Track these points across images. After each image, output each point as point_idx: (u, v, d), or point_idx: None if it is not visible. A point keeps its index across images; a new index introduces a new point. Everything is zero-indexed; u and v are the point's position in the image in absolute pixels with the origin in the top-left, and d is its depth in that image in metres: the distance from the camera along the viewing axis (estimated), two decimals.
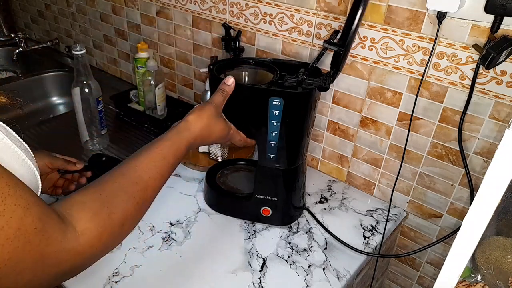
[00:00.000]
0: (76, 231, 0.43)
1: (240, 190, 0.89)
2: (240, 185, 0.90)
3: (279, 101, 0.69)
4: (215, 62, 0.77)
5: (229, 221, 0.85)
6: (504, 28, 0.65)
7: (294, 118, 0.73)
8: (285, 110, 0.70)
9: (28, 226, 0.37)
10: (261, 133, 0.74)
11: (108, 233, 0.48)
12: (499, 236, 0.56)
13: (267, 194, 0.81)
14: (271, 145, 0.74)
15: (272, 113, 0.71)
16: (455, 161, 0.80)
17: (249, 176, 0.92)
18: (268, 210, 0.82)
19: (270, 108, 0.70)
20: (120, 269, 0.72)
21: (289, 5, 0.90)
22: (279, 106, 0.70)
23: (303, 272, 0.75)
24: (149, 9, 1.23)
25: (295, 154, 0.77)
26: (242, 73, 0.81)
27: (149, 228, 0.82)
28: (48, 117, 1.35)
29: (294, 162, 0.78)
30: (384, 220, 0.88)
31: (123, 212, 0.50)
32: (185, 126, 0.63)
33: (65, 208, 0.45)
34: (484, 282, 0.52)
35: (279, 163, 0.77)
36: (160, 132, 1.19)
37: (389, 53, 0.80)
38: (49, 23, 1.71)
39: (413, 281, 1.00)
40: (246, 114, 0.74)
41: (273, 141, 0.74)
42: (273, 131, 0.73)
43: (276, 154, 0.76)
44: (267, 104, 0.70)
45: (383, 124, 0.87)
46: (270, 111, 0.70)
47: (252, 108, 0.73)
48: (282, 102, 0.69)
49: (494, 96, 0.71)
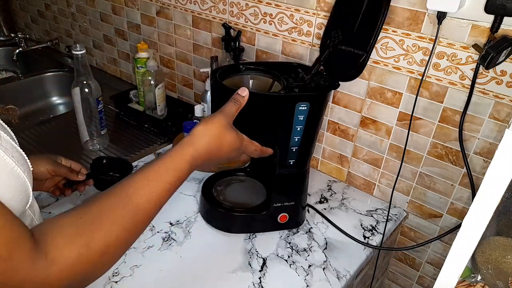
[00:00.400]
0: (47, 260, 0.39)
1: (248, 203, 0.84)
2: (243, 198, 0.86)
3: (305, 105, 0.68)
4: (217, 69, 0.75)
5: None
6: (504, 28, 0.65)
7: (314, 121, 0.72)
8: (309, 113, 0.69)
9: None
10: (282, 140, 0.72)
11: (84, 262, 0.42)
12: (499, 236, 0.56)
13: (285, 201, 0.80)
14: (293, 150, 0.73)
15: (298, 118, 0.69)
16: (455, 161, 0.80)
17: (245, 186, 0.90)
18: (286, 216, 0.81)
19: (296, 114, 0.69)
20: (120, 269, 0.72)
21: (289, 5, 0.90)
22: (305, 110, 0.68)
23: (303, 272, 0.75)
24: (149, 9, 1.23)
25: (308, 156, 0.77)
26: (247, 80, 0.79)
27: (149, 228, 0.82)
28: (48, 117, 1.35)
29: (306, 163, 0.78)
30: (384, 220, 0.88)
31: (104, 239, 0.44)
32: (189, 140, 0.55)
33: (43, 231, 0.41)
34: (484, 282, 0.52)
35: (296, 167, 0.76)
36: (160, 132, 1.20)
37: (389, 53, 0.80)
38: (49, 23, 1.71)
39: (413, 281, 1.00)
40: (266, 123, 0.71)
41: (295, 146, 0.73)
42: (296, 136, 0.71)
43: (296, 159, 0.75)
44: (292, 110, 0.68)
45: (383, 124, 0.87)
46: (295, 116, 0.69)
47: (275, 116, 0.70)
48: (308, 106, 0.68)
49: (494, 96, 0.71)
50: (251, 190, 0.89)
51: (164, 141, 1.15)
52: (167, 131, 1.19)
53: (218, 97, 0.71)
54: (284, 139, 0.72)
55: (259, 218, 0.81)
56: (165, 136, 1.17)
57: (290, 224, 0.83)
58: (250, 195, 0.87)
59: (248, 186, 0.90)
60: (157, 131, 1.20)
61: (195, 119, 1.06)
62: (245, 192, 0.88)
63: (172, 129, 1.18)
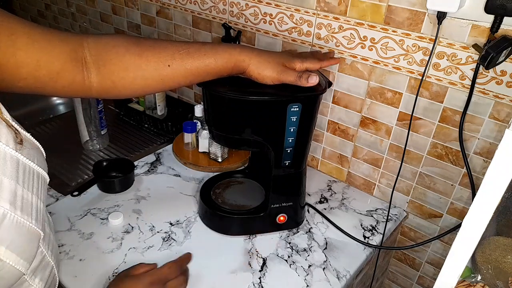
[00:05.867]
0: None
1: (246, 205, 0.85)
2: (241, 200, 0.86)
3: (297, 106, 0.68)
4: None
5: None
6: (504, 28, 0.65)
7: (307, 121, 0.72)
8: (301, 114, 0.69)
9: None
10: (276, 141, 0.72)
11: None
12: (499, 236, 0.56)
13: (283, 201, 0.80)
14: (287, 151, 0.73)
15: (290, 119, 0.69)
16: (455, 161, 0.80)
17: (243, 188, 0.90)
18: (284, 217, 0.81)
19: (288, 115, 0.69)
20: (120, 269, 0.72)
21: (289, 5, 0.90)
22: (297, 111, 0.69)
23: (303, 272, 0.75)
24: (149, 9, 1.23)
25: (304, 156, 0.77)
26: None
27: (149, 228, 0.82)
28: (48, 117, 1.34)
29: (302, 163, 0.78)
30: (384, 220, 0.88)
31: None
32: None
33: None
34: (484, 282, 0.52)
35: (292, 167, 0.76)
36: (160, 132, 1.20)
37: (389, 53, 0.80)
38: (49, 23, 1.71)
39: (413, 281, 1.00)
40: (259, 125, 0.71)
41: (289, 147, 0.73)
42: (289, 137, 0.72)
43: (291, 159, 0.75)
44: (284, 112, 0.68)
45: (383, 124, 0.87)
46: (288, 118, 0.69)
47: (268, 120, 0.70)
48: (300, 107, 0.68)
49: (494, 96, 0.71)
50: (249, 191, 0.89)
51: (164, 141, 1.15)
52: (167, 131, 1.19)
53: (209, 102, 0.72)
54: (278, 140, 0.72)
55: (258, 220, 0.81)
56: (165, 136, 1.17)
57: (289, 225, 0.83)
58: (249, 197, 0.87)
59: (246, 187, 0.90)
60: (157, 131, 1.20)
61: (195, 119, 1.06)
62: (244, 194, 0.88)
63: (172, 129, 1.18)
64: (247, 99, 0.67)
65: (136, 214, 0.85)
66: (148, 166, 1.01)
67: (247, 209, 0.83)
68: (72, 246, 0.76)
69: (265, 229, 0.83)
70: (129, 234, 0.80)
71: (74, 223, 0.82)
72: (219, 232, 0.82)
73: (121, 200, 0.89)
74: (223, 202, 0.84)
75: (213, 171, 1.00)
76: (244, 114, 0.70)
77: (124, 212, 0.85)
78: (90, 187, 0.90)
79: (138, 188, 0.93)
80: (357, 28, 0.81)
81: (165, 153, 1.07)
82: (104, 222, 0.82)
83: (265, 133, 0.71)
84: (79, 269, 0.72)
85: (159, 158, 1.05)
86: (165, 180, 0.97)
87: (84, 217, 0.84)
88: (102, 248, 0.76)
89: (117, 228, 0.81)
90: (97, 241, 0.78)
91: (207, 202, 0.84)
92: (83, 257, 0.74)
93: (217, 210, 0.82)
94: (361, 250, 0.80)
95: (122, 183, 0.91)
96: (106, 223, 0.82)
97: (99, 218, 0.84)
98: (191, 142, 1.06)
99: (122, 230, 0.81)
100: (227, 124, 0.72)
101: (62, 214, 0.84)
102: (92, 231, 0.80)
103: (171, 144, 1.10)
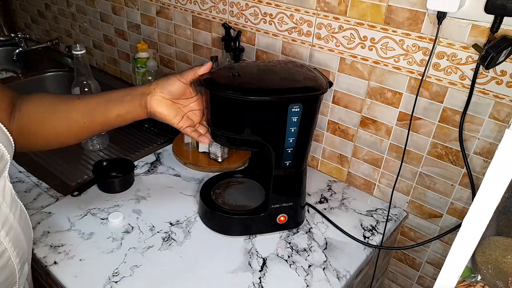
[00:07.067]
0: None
1: (247, 205, 0.84)
2: (242, 200, 0.86)
3: (298, 106, 0.68)
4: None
5: None
6: (504, 28, 0.65)
7: (308, 121, 0.71)
8: (302, 114, 0.69)
9: None
10: (277, 141, 0.72)
11: None
12: (499, 236, 0.56)
13: (283, 202, 0.80)
14: (288, 152, 0.73)
15: (291, 120, 0.69)
16: (455, 161, 0.80)
17: (244, 188, 0.90)
18: (285, 217, 0.81)
19: (289, 116, 0.69)
20: (120, 269, 0.72)
21: (289, 5, 0.90)
22: (298, 112, 0.68)
23: (303, 272, 0.75)
24: (149, 9, 1.23)
25: (305, 156, 0.77)
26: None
27: (149, 228, 0.82)
28: None
29: (303, 163, 0.78)
30: (384, 220, 0.88)
31: None
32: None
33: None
34: (484, 282, 0.52)
35: (293, 168, 0.76)
36: (160, 132, 1.20)
37: (389, 53, 0.80)
38: (49, 23, 1.71)
39: (413, 281, 1.00)
40: (261, 128, 0.71)
41: (290, 148, 0.73)
42: (290, 137, 0.71)
43: (292, 160, 0.75)
44: (285, 113, 0.68)
45: (383, 124, 0.87)
46: (289, 118, 0.69)
47: (269, 121, 0.70)
48: (301, 107, 0.68)
49: (494, 96, 0.71)
50: (250, 192, 0.88)
51: (164, 141, 1.15)
52: (167, 131, 1.19)
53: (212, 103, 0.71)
54: (278, 141, 0.72)
55: (258, 220, 0.81)
56: (165, 136, 1.18)
57: (289, 225, 0.83)
58: (249, 197, 0.87)
59: (246, 188, 0.90)
60: (157, 131, 1.20)
61: None
62: (244, 194, 0.88)
63: (172, 129, 1.18)
64: (248, 100, 0.67)
65: (136, 214, 0.85)
66: (148, 166, 1.01)
67: (247, 209, 0.83)
68: (72, 246, 0.76)
69: (265, 229, 0.83)
70: (129, 234, 0.80)
71: (74, 223, 0.82)
72: (219, 232, 0.82)
73: (121, 200, 0.89)
74: (223, 202, 0.84)
75: (213, 171, 1.00)
76: (245, 115, 0.70)
77: (124, 212, 0.85)
78: (90, 187, 0.91)
79: (138, 188, 0.93)
80: (357, 28, 0.81)
81: (165, 153, 1.07)
82: (104, 222, 0.82)
83: (266, 133, 0.71)
84: (79, 269, 0.72)
85: (159, 158, 1.05)
86: (165, 180, 0.97)
87: (84, 217, 0.84)
88: (102, 248, 0.76)
89: (117, 228, 0.81)
90: (97, 241, 0.78)
91: (207, 202, 0.83)
92: (83, 257, 0.74)
93: (217, 210, 0.82)
94: (361, 250, 0.80)
95: (122, 183, 0.91)
96: (106, 223, 0.82)
97: (99, 218, 0.84)
98: (191, 142, 1.06)
99: (122, 230, 0.81)
100: (228, 124, 0.72)
101: (62, 214, 0.84)
102: (92, 231, 0.80)
103: (171, 144, 1.10)
